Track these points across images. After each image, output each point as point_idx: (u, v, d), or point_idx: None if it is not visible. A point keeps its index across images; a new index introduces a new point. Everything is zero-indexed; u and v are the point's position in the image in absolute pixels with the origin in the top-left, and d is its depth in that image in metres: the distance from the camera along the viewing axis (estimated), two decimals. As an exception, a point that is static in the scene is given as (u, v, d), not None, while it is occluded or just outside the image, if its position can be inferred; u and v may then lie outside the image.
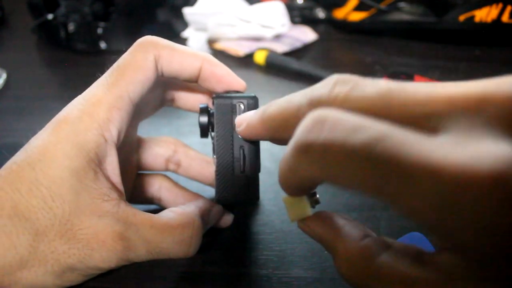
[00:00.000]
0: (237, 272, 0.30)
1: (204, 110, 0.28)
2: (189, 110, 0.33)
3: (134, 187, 0.32)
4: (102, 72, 0.28)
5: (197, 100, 0.32)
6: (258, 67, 0.62)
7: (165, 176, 0.34)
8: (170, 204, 0.33)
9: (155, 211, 0.35)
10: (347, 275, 0.19)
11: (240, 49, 0.64)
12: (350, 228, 0.21)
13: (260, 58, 0.61)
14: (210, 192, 0.35)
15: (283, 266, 0.31)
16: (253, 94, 0.28)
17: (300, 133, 0.18)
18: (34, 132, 0.26)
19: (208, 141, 0.31)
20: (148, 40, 0.27)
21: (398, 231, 0.33)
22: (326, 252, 0.32)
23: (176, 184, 0.33)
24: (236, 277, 0.30)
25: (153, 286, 0.29)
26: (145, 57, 0.26)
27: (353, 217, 0.35)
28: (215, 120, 0.27)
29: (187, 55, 0.28)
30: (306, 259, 0.31)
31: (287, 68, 0.59)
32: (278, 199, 0.37)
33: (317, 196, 0.23)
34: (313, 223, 0.22)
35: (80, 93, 0.27)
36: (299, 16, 0.76)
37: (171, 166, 0.34)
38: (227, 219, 0.32)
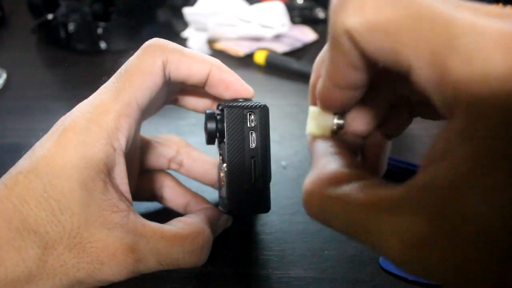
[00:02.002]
0: (237, 272, 0.30)
1: (211, 117, 0.28)
2: (193, 110, 0.33)
3: (137, 184, 0.32)
4: (102, 72, 0.27)
5: (202, 101, 0.32)
6: (258, 67, 0.62)
7: (168, 174, 0.34)
8: (171, 203, 0.33)
9: (154, 211, 0.36)
10: (309, 191, 0.19)
11: (240, 49, 0.64)
12: (342, 158, 0.20)
13: (260, 58, 0.61)
14: (210, 192, 0.35)
15: (283, 266, 0.31)
16: (263, 103, 0.27)
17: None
18: (34, 132, 0.25)
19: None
20: (156, 44, 0.27)
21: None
22: (326, 252, 0.32)
23: (178, 182, 0.33)
24: (236, 277, 0.30)
25: (153, 286, 0.29)
26: (153, 62, 0.26)
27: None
28: (226, 130, 0.26)
29: (196, 61, 0.27)
30: (306, 259, 0.31)
31: (287, 68, 0.59)
32: (278, 199, 0.37)
33: (343, 121, 0.22)
34: (320, 142, 0.22)
35: (80, 93, 0.27)
36: (299, 16, 0.76)
37: (173, 166, 0.34)
38: (227, 220, 0.32)
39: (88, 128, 0.24)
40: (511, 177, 0.13)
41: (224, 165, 0.27)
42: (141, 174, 0.33)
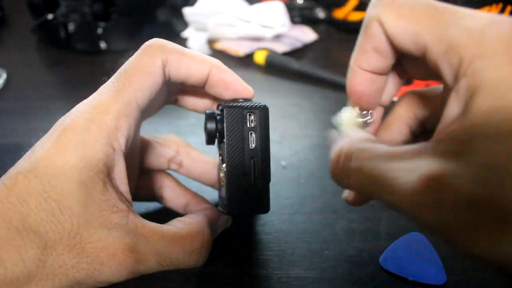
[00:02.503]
0: (237, 272, 0.30)
1: (211, 117, 0.28)
2: (193, 110, 0.33)
3: (137, 185, 0.32)
4: (102, 72, 0.27)
5: (202, 101, 0.32)
6: (258, 67, 0.62)
7: (168, 174, 0.34)
8: (171, 203, 0.33)
9: (154, 211, 0.36)
10: (337, 148, 0.22)
11: (240, 49, 0.64)
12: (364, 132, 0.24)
13: (260, 58, 0.61)
14: (210, 192, 0.35)
15: (283, 266, 0.31)
16: (263, 104, 0.27)
17: None
18: (34, 132, 0.25)
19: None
20: (156, 44, 0.27)
21: (398, 231, 0.33)
22: (326, 252, 0.32)
23: (178, 182, 0.33)
24: (236, 277, 0.30)
25: (153, 286, 0.29)
26: (153, 62, 0.26)
27: (353, 217, 0.35)
28: (226, 131, 0.26)
29: (196, 61, 0.27)
30: (306, 259, 0.31)
31: (287, 68, 0.59)
32: (278, 199, 0.37)
33: (369, 118, 0.26)
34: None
35: (80, 93, 0.27)
36: (299, 16, 0.76)
37: (173, 166, 0.34)
38: (227, 221, 0.32)
39: (88, 128, 0.24)
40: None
41: (224, 165, 0.27)
42: (141, 174, 0.33)
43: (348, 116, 0.26)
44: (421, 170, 0.17)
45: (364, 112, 0.26)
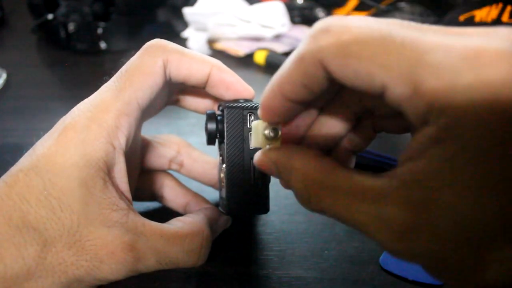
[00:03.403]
0: (237, 272, 0.30)
1: (212, 117, 0.28)
2: (194, 111, 0.33)
3: (137, 184, 0.32)
4: (102, 72, 0.27)
5: (203, 101, 0.32)
6: (258, 67, 0.62)
7: (168, 174, 0.34)
8: (171, 203, 0.33)
9: (154, 211, 0.36)
10: (301, 188, 0.20)
11: (240, 49, 0.64)
12: (307, 150, 0.21)
13: (260, 58, 0.61)
14: (210, 192, 0.35)
15: (283, 266, 0.31)
16: None
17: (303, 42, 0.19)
18: (34, 132, 0.25)
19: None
20: (156, 44, 0.27)
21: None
22: (326, 252, 0.32)
23: (178, 182, 0.33)
24: (236, 277, 0.30)
25: (153, 286, 0.29)
26: (153, 61, 0.26)
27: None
28: (226, 131, 0.27)
29: (196, 61, 0.27)
30: (306, 259, 0.31)
31: (287, 68, 0.59)
32: (278, 199, 0.37)
33: (276, 130, 0.23)
34: (272, 151, 0.22)
35: (80, 93, 0.27)
36: (299, 16, 0.76)
37: (174, 166, 0.34)
38: (227, 221, 0.32)
39: (88, 127, 0.24)
40: (478, 174, 0.15)
41: (224, 165, 0.27)
42: (142, 174, 0.33)
43: (257, 125, 0.23)
44: (389, 222, 0.16)
45: (275, 127, 0.23)
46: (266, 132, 0.23)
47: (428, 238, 0.16)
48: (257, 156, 0.23)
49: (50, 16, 0.66)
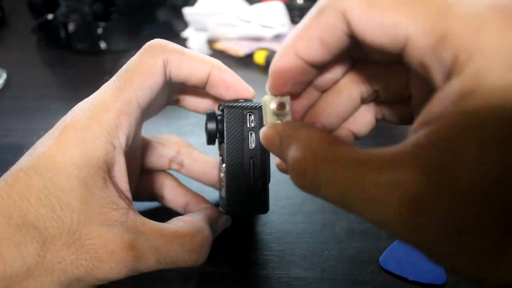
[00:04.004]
0: (237, 272, 0.30)
1: (212, 117, 0.28)
2: (194, 111, 0.33)
3: (137, 184, 0.32)
4: (102, 72, 0.27)
5: (203, 101, 0.32)
6: (258, 67, 0.62)
7: (168, 174, 0.34)
8: (171, 202, 0.33)
9: (154, 211, 0.36)
10: (299, 159, 0.18)
11: (240, 49, 0.64)
12: (314, 124, 0.21)
13: (260, 58, 0.61)
14: (210, 192, 0.35)
15: (283, 266, 0.31)
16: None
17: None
18: (34, 132, 0.25)
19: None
20: (157, 44, 0.27)
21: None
22: (326, 252, 0.32)
23: (178, 182, 0.33)
24: (236, 277, 0.30)
25: (153, 286, 0.29)
26: (154, 61, 0.26)
27: (353, 217, 0.35)
28: (226, 131, 0.27)
29: (196, 61, 0.27)
30: (306, 259, 0.31)
31: (287, 68, 0.59)
32: (278, 199, 0.37)
33: (285, 101, 0.22)
34: (279, 124, 0.21)
35: (80, 93, 0.27)
36: (299, 16, 0.76)
37: (174, 166, 0.34)
38: (227, 221, 0.32)
39: (88, 126, 0.24)
40: (504, 132, 0.13)
41: (224, 165, 0.27)
42: (142, 174, 0.33)
43: (265, 100, 0.22)
44: (400, 189, 0.14)
45: (282, 100, 0.22)
46: (273, 106, 0.22)
47: (445, 203, 0.14)
48: (263, 129, 0.21)
49: (50, 16, 0.66)
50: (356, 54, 0.22)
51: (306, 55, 0.19)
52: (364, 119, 0.24)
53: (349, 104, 0.23)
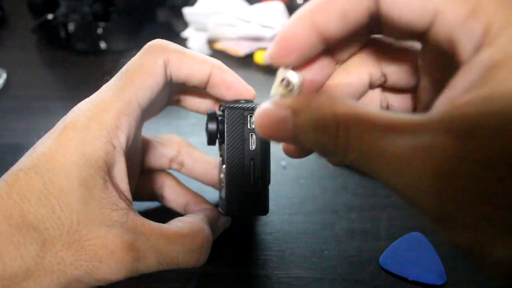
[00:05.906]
0: (237, 272, 0.30)
1: (213, 117, 0.28)
2: (194, 111, 0.33)
3: (138, 184, 0.32)
4: (102, 72, 0.27)
5: (203, 102, 0.32)
6: (258, 67, 0.62)
7: (169, 173, 0.34)
8: (172, 202, 0.33)
9: (154, 211, 0.36)
10: (329, 120, 0.17)
11: (240, 49, 0.64)
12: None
13: (260, 58, 0.61)
14: (211, 192, 0.35)
15: (283, 266, 0.31)
16: None
17: None
18: (34, 132, 0.25)
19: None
20: (157, 44, 0.27)
21: (398, 231, 0.33)
22: (326, 252, 0.32)
23: (179, 182, 0.33)
24: (236, 277, 0.30)
25: (153, 286, 0.29)
26: (154, 61, 0.26)
27: (353, 217, 0.35)
28: (226, 132, 0.27)
29: (197, 61, 0.27)
30: (306, 259, 0.31)
31: (287, 68, 0.59)
32: (278, 199, 0.37)
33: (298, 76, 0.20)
34: (287, 98, 0.20)
35: (80, 93, 0.27)
36: (299, 16, 0.76)
37: (175, 166, 0.34)
38: (227, 221, 0.32)
39: (88, 126, 0.24)
40: None
41: (224, 166, 0.27)
42: (142, 174, 0.33)
43: (283, 72, 0.20)
44: (428, 152, 0.14)
45: (291, 77, 0.20)
46: (281, 79, 0.20)
47: (475, 169, 0.13)
48: (262, 107, 0.19)
49: (50, 16, 0.66)
50: (367, 34, 0.22)
51: (324, 26, 0.18)
52: (370, 104, 0.24)
53: (358, 85, 0.23)
